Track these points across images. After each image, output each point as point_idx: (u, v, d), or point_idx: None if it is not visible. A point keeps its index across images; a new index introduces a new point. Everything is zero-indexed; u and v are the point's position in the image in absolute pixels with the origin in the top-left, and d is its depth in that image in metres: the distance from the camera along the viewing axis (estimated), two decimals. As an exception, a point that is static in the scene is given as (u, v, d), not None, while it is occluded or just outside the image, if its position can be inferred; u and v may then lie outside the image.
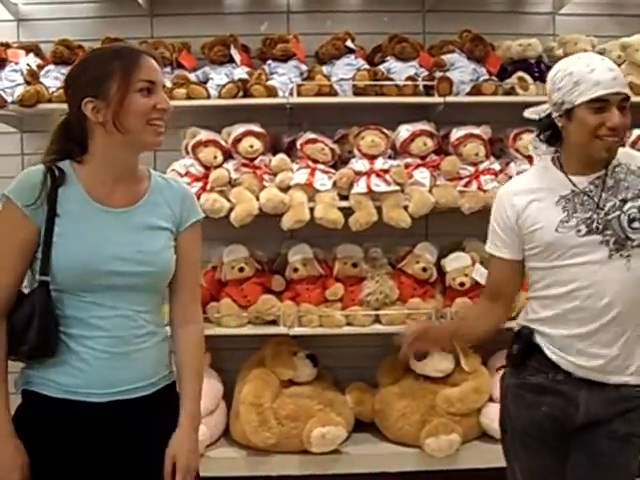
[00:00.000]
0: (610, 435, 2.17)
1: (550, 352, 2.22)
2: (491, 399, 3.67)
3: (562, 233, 2.15)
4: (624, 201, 2.14)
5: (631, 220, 2.12)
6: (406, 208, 3.54)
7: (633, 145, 3.77)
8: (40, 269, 1.85)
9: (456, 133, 3.66)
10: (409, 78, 3.64)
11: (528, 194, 2.23)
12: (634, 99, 3.69)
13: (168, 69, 3.74)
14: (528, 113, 2.40)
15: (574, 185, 2.18)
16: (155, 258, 1.93)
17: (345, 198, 3.58)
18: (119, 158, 1.92)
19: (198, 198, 3.52)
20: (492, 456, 3.57)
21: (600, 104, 2.09)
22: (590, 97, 2.08)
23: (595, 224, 2.13)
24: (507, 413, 2.35)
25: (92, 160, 1.92)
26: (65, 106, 1.95)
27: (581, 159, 2.18)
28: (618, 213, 2.13)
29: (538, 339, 2.24)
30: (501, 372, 2.45)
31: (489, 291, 2.43)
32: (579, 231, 2.14)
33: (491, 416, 3.61)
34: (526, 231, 2.22)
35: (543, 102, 3.66)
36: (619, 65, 3.77)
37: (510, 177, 3.70)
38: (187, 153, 3.67)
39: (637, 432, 2.19)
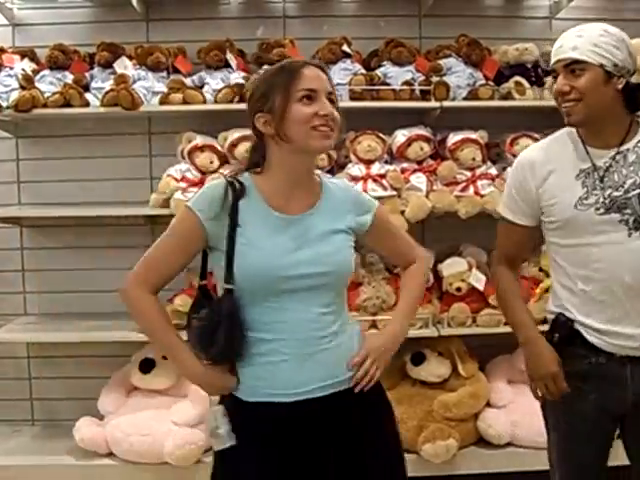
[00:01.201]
0: None
1: (590, 336, 2.19)
2: (488, 404, 3.67)
3: (581, 210, 2.13)
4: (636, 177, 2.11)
5: None
6: (403, 213, 3.53)
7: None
8: (225, 278, 1.96)
9: (453, 138, 3.66)
10: (406, 83, 3.63)
11: (548, 164, 2.21)
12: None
13: (164, 74, 3.74)
14: None
15: (594, 160, 2.15)
16: (333, 259, 2.02)
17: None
18: (292, 166, 2.04)
19: (194, 203, 3.53)
20: (489, 461, 3.61)
21: (556, 73, 2.17)
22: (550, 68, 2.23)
23: (615, 202, 2.10)
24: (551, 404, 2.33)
25: (269, 170, 2.05)
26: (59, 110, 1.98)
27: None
28: (638, 191, 2.10)
29: (577, 325, 2.21)
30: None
31: (507, 258, 2.38)
32: (598, 209, 2.11)
33: (488, 421, 3.62)
34: (545, 203, 2.21)
35: (540, 107, 3.72)
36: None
37: (507, 182, 3.72)
38: (183, 158, 3.67)
39: None
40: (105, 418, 3.61)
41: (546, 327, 3.55)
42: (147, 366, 3.61)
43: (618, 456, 2.38)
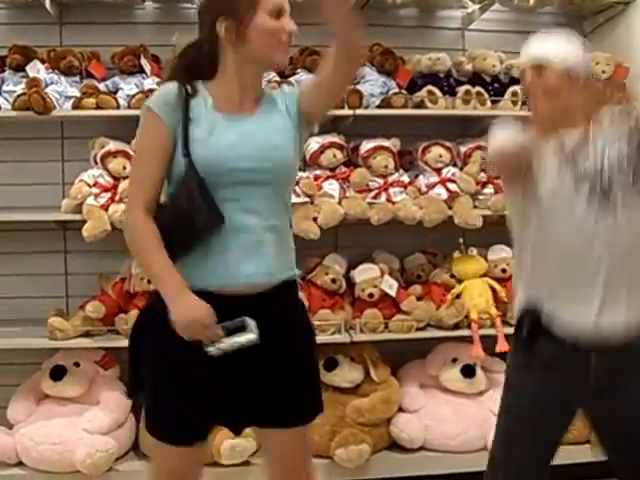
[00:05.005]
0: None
1: (555, 327, 2.29)
2: (400, 409, 3.71)
3: (556, 184, 2.27)
4: (604, 147, 2.27)
5: (612, 165, 2.25)
6: (315, 220, 3.56)
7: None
8: (183, 152, 2.06)
9: (365, 145, 3.70)
10: (319, 90, 3.65)
11: None
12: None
13: (77, 78, 3.69)
14: None
15: (564, 137, 2.30)
16: (277, 153, 2.13)
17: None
18: (246, 73, 2.13)
19: (106, 209, 3.50)
20: (402, 466, 3.66)
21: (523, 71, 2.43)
22: None
23: (583, 180, 2.24)
24: (511, 389, 2.44)
25: (222, 77, 2.14)
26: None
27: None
28: (600, 159, 2.26)
29: (543, 318, 2.31)
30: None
31: None
32: (569, 188, 2.25)
33: (400, 426, 3.66)
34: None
35: (452, 115, 3.79)
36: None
37: (419, 189, 3.78)
38: (96, 163, 3.62)
39: None
40: (14, 427, 3.54)
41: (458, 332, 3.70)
42: (58, 373, 3.55)
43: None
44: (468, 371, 3.74)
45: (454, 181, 3.76)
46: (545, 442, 2.41)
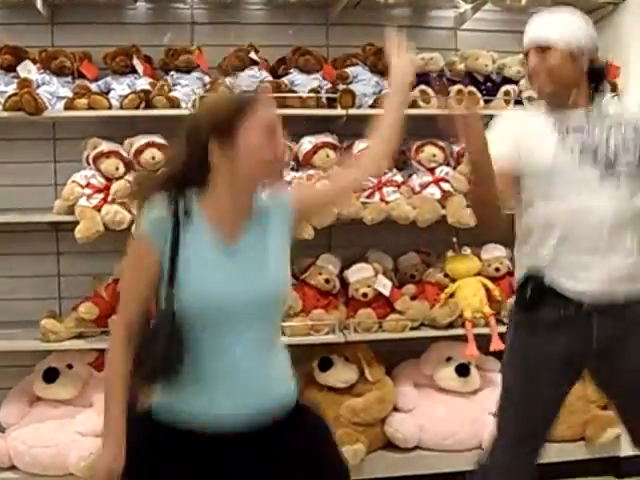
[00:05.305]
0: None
1: (558, 291, 2.37)
2: (395, 408, 3.72)
3: (559, 152, 2.35)
4: (610, 127, 2.36)
5: (617, 145, 2.34)
6: (309, 219, 3.55)
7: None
8: (166, 295, 1.92)
9: (359, 145, 3.67)
10: (312, 90, 3.66)
11: (527, 119, 2.48)
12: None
13: (69, 79, 3.67)
14: None
15: (566, 117, 2.39)
16: (270, 287, 2.01)
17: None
18: (241, 194, 2.01)
19: (99, 210, 3.49)
20: (397, 465, 3.66)
21: (526, 53, 2.47)
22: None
23: (585, 146, 2.34)
24: (515, 346, 2.53)
25: (215, 192, 2.00)
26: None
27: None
28: (605, 136, 2.35)
29: (546, 283, 2.39)
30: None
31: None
32: (573, 150, 2.34)
33: (395, 425, 3.66)
34: (527, 149, 2.40)
35: (445, 115, 3.78)
36: (518, 81, 3.91)
37: (412, 189, 3.78)
38: (88, 164, 3.60)
39: None
40: (7, 430, 3.52)
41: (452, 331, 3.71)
42: (51, 375, 3.53)
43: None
44: (462, 370, 3.75)
45: (447, 180, 3.76)
46: (549, 403, 2.49)
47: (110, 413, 1.96)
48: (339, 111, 3.65)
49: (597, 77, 2.44)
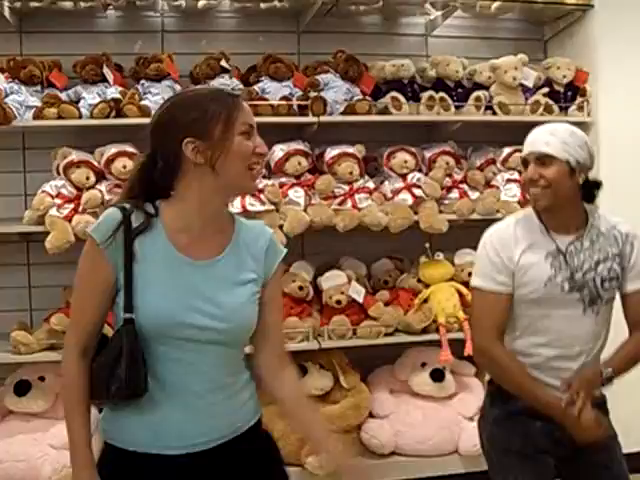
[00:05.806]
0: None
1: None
2: (371, 415, 3.72)
3: (549, 288, 2.37)
4: (597, 263, 2.40)
5: (602, 280, 2.39)
6: (281, 227, 3.54)
7: (503, 163, 3.91)
8: (125, 307, 1.80)
9: (330, 152, 3.70)
10: (283, 98, 3.66)
11: (519, 243, 2.41)
12: (503, 118, 3.91)
13: (38, 88, 3.63)
14: None
15: (557, 244, 2.39)
16: (236, 315, 1.87)
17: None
18: (210, 201, 1.86)
19: (70, 220, 3.45)
20: (373, 471, 3.65)
21: (526, 162, 2.42)
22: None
23: (575, 283, 2.37)
24: (494, 440, 2.51)
25: (182, 201, 1.86)
26: None
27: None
28: (593, 274, 2.38)
29: None
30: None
31: (499, 330, 2.45)
32: (563, 288, 2.37)
33: (371, 432, 3.67)
34: (519, 280, 2.38)
35: (416, 121, 3.81)
36: (489, 86, 3.93)
37: (384, 195, 3.78)
38: (58, 174, 3.57)
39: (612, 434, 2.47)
40: (-22, 444, 3.47)
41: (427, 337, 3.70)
42: (22, 388, 3.48)
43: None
44: (437, 375, 3.75)
45: (419, 186, 3.77)
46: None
47: (73, 433, 1.86)
48: (310, 118, 3.66)
49: (590, 193, 2.44)
